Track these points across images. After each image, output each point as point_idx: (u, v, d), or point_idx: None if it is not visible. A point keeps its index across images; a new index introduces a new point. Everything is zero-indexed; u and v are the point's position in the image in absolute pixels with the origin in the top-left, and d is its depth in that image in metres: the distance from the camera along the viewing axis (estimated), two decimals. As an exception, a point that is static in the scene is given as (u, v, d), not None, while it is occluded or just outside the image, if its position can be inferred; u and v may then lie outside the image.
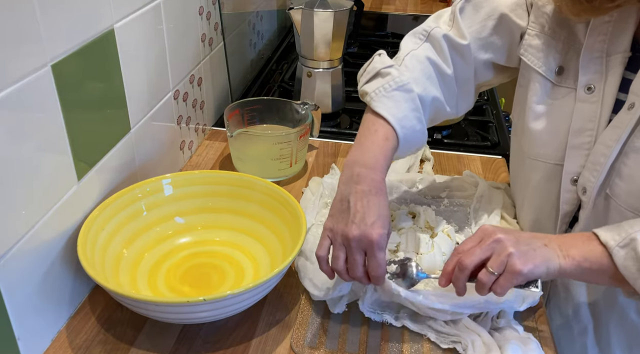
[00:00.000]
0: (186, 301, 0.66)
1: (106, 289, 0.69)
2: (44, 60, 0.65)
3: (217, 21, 1.19)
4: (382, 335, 0.75)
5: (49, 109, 0.68)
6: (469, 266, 0.68)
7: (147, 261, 0.83)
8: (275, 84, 1.48)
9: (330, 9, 1.19)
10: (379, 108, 0.78)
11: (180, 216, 0.88)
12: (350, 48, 1.71)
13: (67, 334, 0.74)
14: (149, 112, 0.93)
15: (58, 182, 0.71)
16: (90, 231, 0.76)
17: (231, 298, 0.68)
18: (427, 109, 0.82)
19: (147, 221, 0.85)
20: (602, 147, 0.74)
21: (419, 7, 2.24)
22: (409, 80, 0.79)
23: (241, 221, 0.88)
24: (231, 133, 1.01)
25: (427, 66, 0.83)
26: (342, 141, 1.21)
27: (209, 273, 0.83)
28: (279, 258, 0.81)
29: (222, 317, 0.74)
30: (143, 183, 0.85)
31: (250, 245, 0.87)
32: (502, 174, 1.11)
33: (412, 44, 0.85)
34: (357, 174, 0.73)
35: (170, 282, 0.81)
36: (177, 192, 0.88)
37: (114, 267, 0.78)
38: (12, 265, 0.64)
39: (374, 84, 0.80)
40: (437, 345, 0.73)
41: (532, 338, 0.73)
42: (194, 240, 0.88)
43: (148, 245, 0.85)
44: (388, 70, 0.80)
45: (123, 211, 0.82)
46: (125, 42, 0.82)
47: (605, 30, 0.74)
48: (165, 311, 0.70)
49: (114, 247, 0.80)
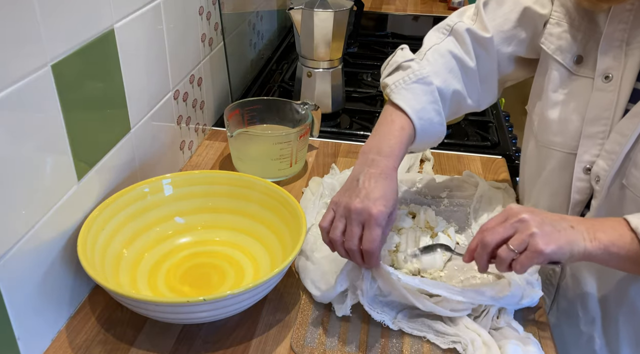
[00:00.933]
0: (186, 301, 0.66)
1: (106, 289, 0.69)
2: (44, 60, 0.65)
3: (217, 21, 1.19)
4: (382, 335, 0.75)
5: (49, 109, 0.68)
6: (491, 243, 0.68)
7: (147, 261, 0.83)
8: (275, 84, 1.48)
9: (330, 9, 1.19)
10: (398, 100, 0.80)
11: (180, 216, 0.89)
12: (350, 48, 1.71)
13: (67, 334, 0.74)
14: (149, 112, 0.93)
15: (58, 182, 0.71)
16: (90, 231, 0.76)
17: (231, 298, 0.68)
18: (447, 102, 0.83)
19: (147, 221, 0.85)
20: (617, 136, 0.74)
21: (419, 7, 2.24)
22: (429, 73, 0.81)
23: (241, 221, 0.88)
24: (231, 133, 1.01)
25: (449, 59, 0.84)
26: (342, 141, 1.21)
27: (209, 273, 0.83)
28: (279, 258, 0.81)
29: (222, 317, 0.74)
30: (143, 183, 0.85)
31: (251, 245, 0.87)
32: (502, 174, 1.11)
33: (435, 38, 0.87)
34: (372, 159, 0.76)
35: (170, 282, 0.81)
36: (177, 192, 0.88)
37: (114, 267, 0.78)
38: (12, 265, 0.64)
39: (395, 77, 0.82)
40: (437, 345, 0.73)
41: (532, 338, 0.73)
42: (194, 240, 0.88)
43: (148, 245, 0.85)
44: (409, 64, 0.82)
45: (123, 211, 0.82)
46: (125, 42, 0.82)
47: (626, 18, 0.74)
48: (165, 311, 0.70)
49: (114, 248, 0.80)
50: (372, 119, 1.30)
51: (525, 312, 0.79)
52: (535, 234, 0.66)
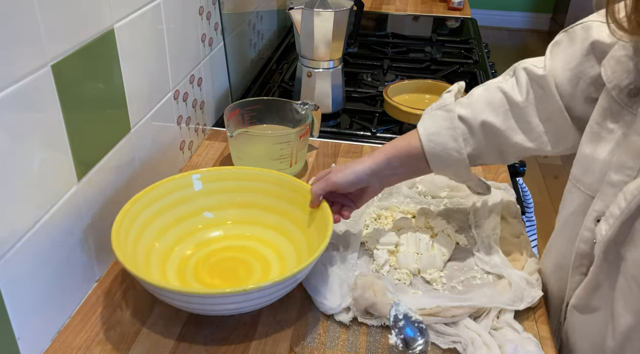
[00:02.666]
0: (231, 291, 0.68)
1: (145, 283, 0.69)
2: (44, 60, 0.65)
3: (217, 21, 1.19)
4: (382, 335, 0.75)
5: (49, 109, 0.68)
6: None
7: (177, 254, 0.85)
8: (275, 84, 1.48)
9: (330, 9, 1.19)
10: (418, 123, 0.82)
11: (209, 210, 0.90)
12: (350, 48, 1.71)
13: (67, 334, 0.74)
14: (149, 112, 0.93)
15: (58, 182, 0.71)
16: (122, 225, 0.77)
17: (270, 287, 0.70)
18: (475, 133, 0.80)
19: (176, 215, 0.87)
20: (622, 196, 0.64)
21: (419, 7, 2.24)
22: (455, 102, 0.81)
23: (268, 217, 0.90)
24: (231, 133, 1.01)
25: (492, 94, 0.81)
26: (342, 141, 1.21)
27: (236, 267, 0.84)
28: (305, 254, 0.82)
29: (257, 307, 0.76)
30: (173, 178, 0.87)
31: (277, 241, 0.88)
32: (502, 174, 1.11)
33: (500, 77, 0.84)
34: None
35: (199, 275, 0.82)
36: (207, 187, 0.90)
37: (145, 260, 0.80)
38: (12, 265, 0.64)
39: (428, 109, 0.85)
40: (437, 345, 0.74)
41: (532, 338, 0.73)
42: (222, 234, 0.90)
43: (178, 239, 0.86)
44: (444, 96, 0.83)
45: (153, 205, 0.84)
46: (125, 42, 0.82)
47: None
48: (205, 303, 0.72)
49: (145, 241, 0.82)
50: (372, 119, 1.30)
51: (525, 312, 0.79)
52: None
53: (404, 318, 0.69)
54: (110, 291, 0.81)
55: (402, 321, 0.69)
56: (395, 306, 0.71)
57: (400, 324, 0.69)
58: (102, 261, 0.84)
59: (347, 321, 0.76)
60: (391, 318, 0.70)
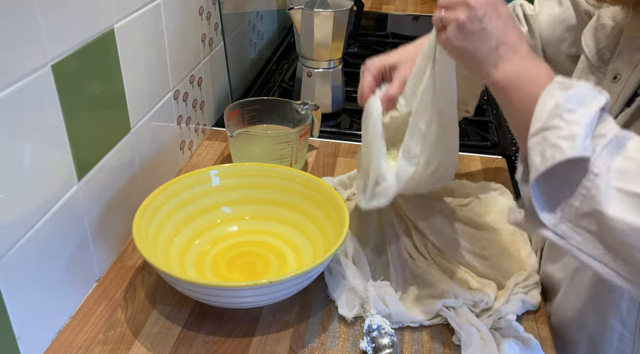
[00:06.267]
0: (253, 284, 0.69)
1: (170, 277, 0.70)
2: (44, 60, 0.65)
3: (217, 21, 1.19)
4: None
5: (49, 109, 0.68)
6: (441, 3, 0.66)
7: (196, 248, 0.86)
8: (275, 84, 1.48)
9: (330, 9, 1.19)
10: None
11: (227, 205, 0.91)
12: (350, 48, 1.71)
13: (67, 334, 0.74)
14: (149, 112, 0.93)
15: (58, 182, 0.71)
16: (142, 219, 0.79)
17: (294, 279, 0.71)
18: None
19: (195, 210, 0.88)
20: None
21: (419, 7, 2.24)
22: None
23: (285, 213, 0.91)
24: (231, 133, 1.01)
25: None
26: (342, 141, 1.21)
27: (254, 261, 0.85)
28: (322, 250, 0.83)
29: (278, 300, 0.77)
30: (191, 174, 0.89)
31: (294, 236, 0.89)
32: (502, 174, 1.11)
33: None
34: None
35: (217, 269, 0.83)
36: (224, 183, 0.91)
37: (164, 254, 0.81)
38: (12, 265, 0.64)
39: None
40: (437, 345, 0.74)
41: (532, 338, 0.73)
42: (240, 229, 0.91)
43: (196, 233, 0.88)
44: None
45: (172, 200, 0.86)
46: (125, 42, 0.82)
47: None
48: (227, 295, 0.73)
49: (165, 235, 0.83)
50: (372, 119, 1.30)
51: (525, 312, 0.79)
52: (458, 21, 0.62)
53: (377, 328, 0.73)
54: (110, 291, 0.81)
55: (375, 331, 0.73)
56: (371, 317, 0.74)
57: (373, 334, 0.73)
58: (102, 261, 0.84)
59: (348, 315, 0.76)
60: (365, 326, 0.74)
